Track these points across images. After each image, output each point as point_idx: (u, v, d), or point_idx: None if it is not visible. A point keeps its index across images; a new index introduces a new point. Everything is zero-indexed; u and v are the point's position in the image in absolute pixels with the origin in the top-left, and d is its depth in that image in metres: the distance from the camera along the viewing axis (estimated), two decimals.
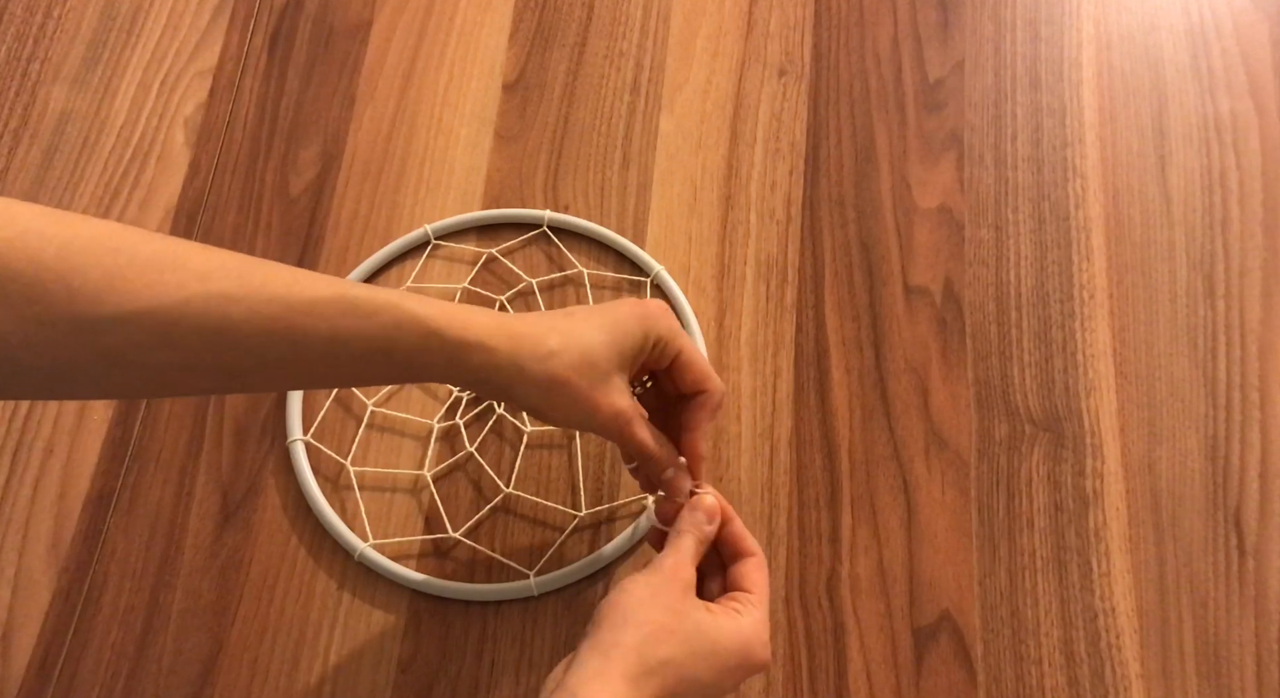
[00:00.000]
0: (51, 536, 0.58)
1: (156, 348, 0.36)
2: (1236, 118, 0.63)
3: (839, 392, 0.58)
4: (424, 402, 0.60)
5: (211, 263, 0.37)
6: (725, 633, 0.40)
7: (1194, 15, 0.66)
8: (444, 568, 0.56)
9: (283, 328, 0.38)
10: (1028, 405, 0.57)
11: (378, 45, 0.71)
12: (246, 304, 0.37)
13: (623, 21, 0.70)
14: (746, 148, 0.65)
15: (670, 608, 0.40)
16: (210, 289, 0.36)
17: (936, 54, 0.66)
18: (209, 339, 0.37)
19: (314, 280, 0.39)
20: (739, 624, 0.41)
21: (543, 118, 0.67)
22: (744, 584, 0.43)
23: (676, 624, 0.39)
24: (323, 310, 0.39)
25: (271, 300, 0.38)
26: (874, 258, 0.61)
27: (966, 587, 0.53)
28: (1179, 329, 0.58)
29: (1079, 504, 0.55)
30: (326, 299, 0.39)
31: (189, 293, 0.36)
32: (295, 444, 0.58)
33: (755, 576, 0.44)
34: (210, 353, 0.37)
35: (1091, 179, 0.62)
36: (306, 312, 0.38)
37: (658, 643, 0.38)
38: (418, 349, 0.40)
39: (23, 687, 0.54)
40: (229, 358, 0.38)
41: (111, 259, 0.35)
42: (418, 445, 0.59)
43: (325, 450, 0.59)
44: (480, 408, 0.59)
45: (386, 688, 0.53)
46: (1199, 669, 0.51)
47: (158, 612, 0.56)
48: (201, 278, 0.36)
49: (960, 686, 0.51)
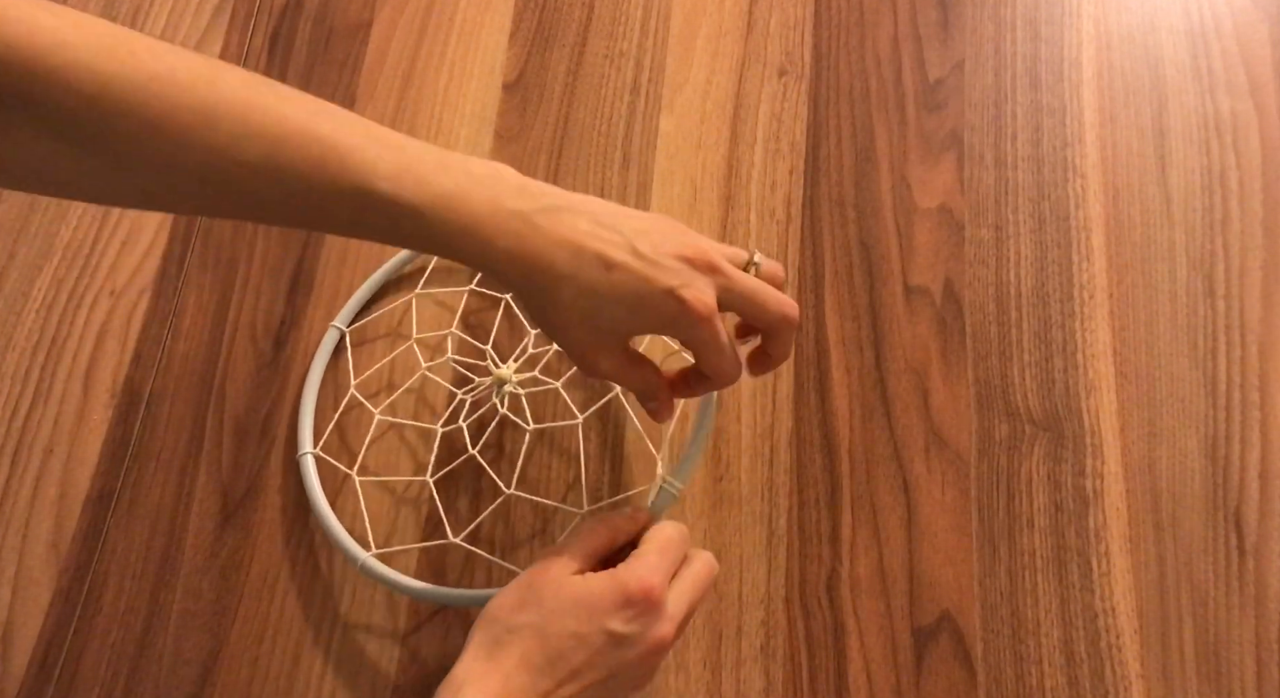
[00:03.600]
0: (51, 535, 0.58)
1: (192, 195, 0.39)
2: (1236, 118, 0.63)
3: (839, 392, 0.58)
4: (433, 402, 0.60)
5: (250, 127, 0.37)
6: (592, 582, 0.40)
7: (1194, 15, 0.66)
8: (446, 570, 0.56)
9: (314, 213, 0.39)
10: (1028, 405, 0.57)
11: (378, 45, 0.71)
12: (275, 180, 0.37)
13: (623, 21, 0.70)
14: (746, 148, 0.65)
15: (530, 585, 0.40)
16: (247, 155, 0.37)
17: (936, 54, 0.66)
18: (246, 195, 0.38)
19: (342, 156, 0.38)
20: (611, 573, 0.41)
21: (543, 118, 0.67)
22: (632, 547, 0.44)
23: (532, 593, 0.40)
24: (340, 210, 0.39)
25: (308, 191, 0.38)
26: (874, 258, 0.61)
27: (966, 587, 0.53)
28: (1179, 329, 0.58)
29: (1079, 504, 0.55)
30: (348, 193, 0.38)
31: (223, 155, 0.37)
32: (305, 458, 0.58)
33: (647, 534, 0.44)
34: (253, 207, 0.39)
35: (1091, 179, 0.62)
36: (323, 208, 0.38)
37: (514, 612, 0.39)
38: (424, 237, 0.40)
39: (23, 687, 0.54)
40: (262, 213, 0.40)
41: (154, 107, 0.35)
42: (421, 448, 0.59)
43: (332, 461, 0.58)
44: (483, 411, 0.59)
45: (386, 690, 0.53)
46: (1199, 669, 0.51)
47: (158, 612, 0.56)
48: (236, 140, 0.37)
49: (960, 686, 0.51)
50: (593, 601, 0.39)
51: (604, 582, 0.40)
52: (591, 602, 0.39)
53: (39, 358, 0.62)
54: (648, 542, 0.43)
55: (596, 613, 0.39)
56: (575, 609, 0.39)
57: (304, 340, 0.62)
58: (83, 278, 0.64)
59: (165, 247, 0.65)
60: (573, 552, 0.42)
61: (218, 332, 0.63)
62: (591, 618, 0.39)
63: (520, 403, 0.58)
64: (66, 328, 0.63)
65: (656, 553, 0.42)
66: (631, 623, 0.39)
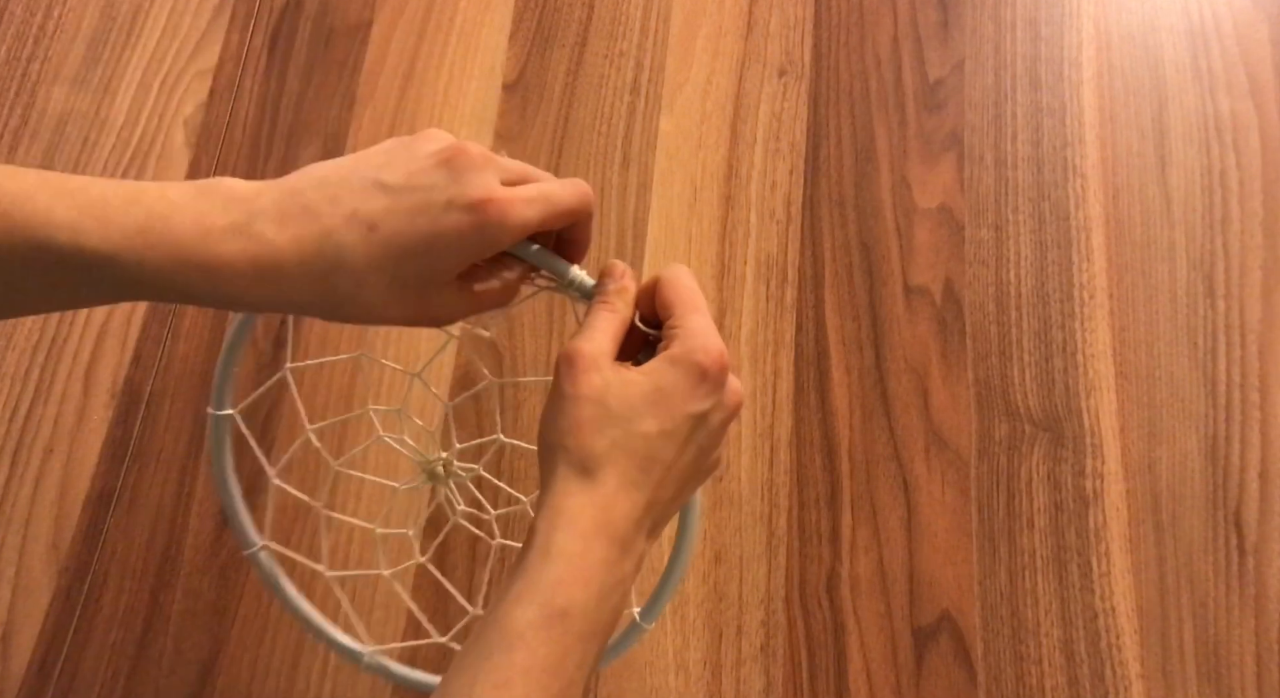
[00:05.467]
0: (51, 536, 0.58)
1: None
2: (1236, 118, 0.63)
3: (839, 392, 0.58)
4: (393, 467, 0.60)
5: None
6: (659, 374, 0.36)
7: (1194, 15, 0.66)
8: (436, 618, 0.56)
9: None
10: (1028, 405, 0.57)
11: (378, 45, 0.71)
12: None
13: (623, 21, 0.69)
14: (746, 148, 0.65)
15: (590, 399, 0.35)
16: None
17: (936, 54, 0.66)
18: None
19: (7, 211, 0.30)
20: (669, 356, 0.36)
21: (543, 118, 0.67)
22: (668, 318, 0.38)
23: (600, 409, 0.35)
24: (25, 277, 0.31)
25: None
26: (874, 258, 0.61)
27: (966, 587, 0.53)
28: (1179, 329, 0.58)
29: (1079, 504, 0.55)
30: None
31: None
32: (257, 554, 0.47)
33: (668, 295, 0.38)
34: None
35: (1091, 179, 0.62)
36: (6, 281, 0.31)
37: (592, 435, 0.35)
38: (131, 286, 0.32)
39: (23, 687, 0.54)
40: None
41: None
42: (399, 550, 0.57)
43: (296, 557, 0.50)
44: (449, 525, 0.53)
45: (386, 689, 0.53)
46: (1199, 669, 0.51)
47: (158, 612, 0.56)
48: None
49: (960, 686, 0.51)
50: (669, 391, 0.36)
51: (671, 369, 0.36)
52: (668, 393, 0.36)
53: (39, 358, 0.62)
54: (673, 302, 0.38)
55: (676, 402, 0.36)
56: (654, 409, 0.35)
57: (304, 341, 0.62)
58: None
59: None
60: (603, 346, 0.37)
61: (218, 332, 0.63)
62: (673, 410, 0.36)
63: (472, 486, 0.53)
64: (66, 328, 0.63)
65: (698, 312, 0.38)
66: (710, 396, 0.36)
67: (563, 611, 0.33)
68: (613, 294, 0.39)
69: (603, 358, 0.36)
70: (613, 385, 0.36)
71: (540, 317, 0.61)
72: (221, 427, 0.47)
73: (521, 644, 0.32)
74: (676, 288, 0.38)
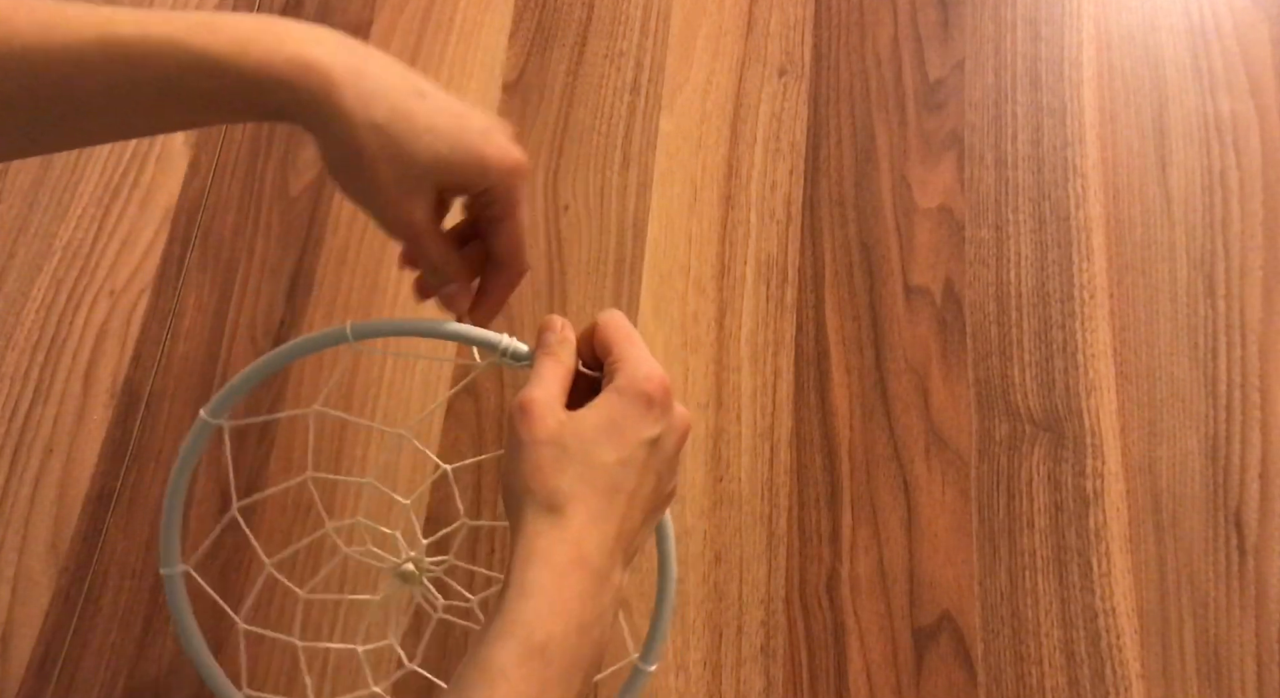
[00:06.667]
0: (51, 536, 0.58)
1: None
2: (1237, 118, 0.63)
3: (839, 392, 0.58)
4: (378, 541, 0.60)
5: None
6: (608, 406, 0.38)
7: (1194, 15, 0.66)
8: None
9: (48, 88, 0.35)
10: (1028, 405, 0.57)
11: (378, 45, 0.70)
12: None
13: (623, 21, 0.69)
14: (746, 148, 0.65)
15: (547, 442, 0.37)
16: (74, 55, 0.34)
17: (936, 54, 0.66)
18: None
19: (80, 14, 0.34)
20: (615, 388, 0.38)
21: (543, 118, 0.67)
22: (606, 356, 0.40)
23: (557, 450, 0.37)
24: (89, 61, 0.34)
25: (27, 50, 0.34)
26: (874, 258, 0.61)
27: (967, 587, 0.53)
28: (1179, 329, 0.58)
29: (1079, 504, 0.55)
30: (90, 42, 0.34)
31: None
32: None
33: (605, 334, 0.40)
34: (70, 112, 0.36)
35: (1092, 179, 0.62)
36: (67, 60, 0.34)
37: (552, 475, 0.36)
38: (211, 92, 0.36)
39: (23, 687, 0.54)
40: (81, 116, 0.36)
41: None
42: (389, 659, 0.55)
43: (274, 635, 0.51)
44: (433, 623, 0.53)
45: (386, 690, 0.53)
46: (1199, 669, 0.51)
47: (158, 612, 0.56)
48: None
49: (960, 686, 0.51)
50: (619, 420, 0.37)
51: (619, 398, 0.38)
52: (619, 422, 0.37)
53: (39, 358, 0.62)
54: (611, 340, 0.40)
55: (628, 430, 0.37)
56: (609, 439, 0.37)
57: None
58: (82, 278, 0.64)
59: (164, 247, 0.65)
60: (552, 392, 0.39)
61: (217, 332, 0.63)
62: (627, 438, 0.37)
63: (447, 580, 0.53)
64: (66, 328, 0.63)
65: (635, 345, 0.40)
66: (659, 421, 0.38)
67: (542, 646, 0.33)
68: (555, 344, 0.41)
69: (554, 402, 0.38)
70: (566, 425, 0.37)
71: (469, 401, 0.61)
72: (175, 586, 0.46)
73: (503, 681, 0.32)
74: (611, 328, 0.40)
